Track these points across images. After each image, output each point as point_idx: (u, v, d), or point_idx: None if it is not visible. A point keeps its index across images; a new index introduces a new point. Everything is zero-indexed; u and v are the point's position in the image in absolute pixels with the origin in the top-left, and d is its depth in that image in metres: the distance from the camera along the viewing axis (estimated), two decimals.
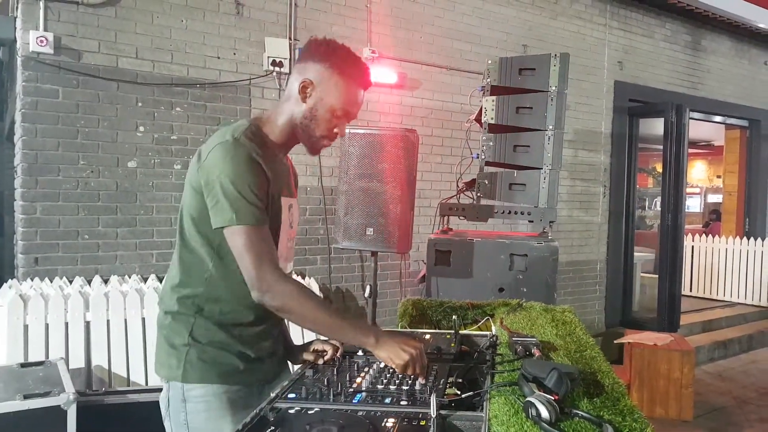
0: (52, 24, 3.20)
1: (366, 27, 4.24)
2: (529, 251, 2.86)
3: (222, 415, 1.37)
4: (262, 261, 1.29)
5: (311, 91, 1.44)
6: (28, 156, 3.16)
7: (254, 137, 1.39)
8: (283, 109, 1.49)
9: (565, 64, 3.01)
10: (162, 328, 1.44)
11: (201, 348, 1.38)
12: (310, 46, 1.48)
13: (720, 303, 7.02)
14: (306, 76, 1.44)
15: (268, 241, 1.33)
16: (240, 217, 1.29)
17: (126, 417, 2.43)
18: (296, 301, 1.31)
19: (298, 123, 1.47)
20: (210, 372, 1.38)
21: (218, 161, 1.32)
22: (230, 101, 3.74)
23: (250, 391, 1.44)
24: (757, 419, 4.17)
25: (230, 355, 1.40)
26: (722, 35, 6.81)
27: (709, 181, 14.31)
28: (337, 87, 1.44)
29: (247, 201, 1.30)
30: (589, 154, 5.63)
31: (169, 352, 1.40)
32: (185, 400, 1.37)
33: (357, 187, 2.78)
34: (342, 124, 1.49)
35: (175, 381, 1.39)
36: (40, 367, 2.56)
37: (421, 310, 2.08)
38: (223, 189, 1.29)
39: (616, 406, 1.14)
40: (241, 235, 1.29)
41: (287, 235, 1.50)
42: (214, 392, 1.37)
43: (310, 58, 1.46)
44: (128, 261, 3.42)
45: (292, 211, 1.54)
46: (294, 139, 1.52)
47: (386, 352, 1.30)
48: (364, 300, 4.12)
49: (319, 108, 1.45)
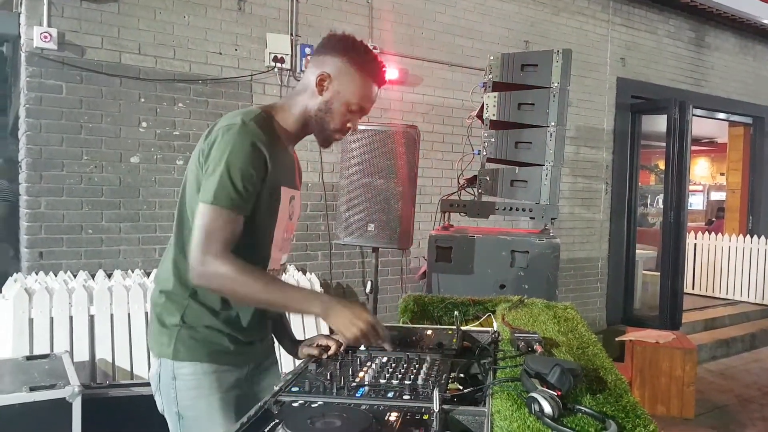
0: (56, 20, 3.20)
1: (367, 23, 4.24)
2: (531, 248, 2.86)
3: (211, 393, 1.40)
4: (210, 243, 1.29)
5: (328, 84, 1.45)
6: (32, 151, 3.17)
7: (264, 124, 1.39)
8: (297, 100, 1.49)
9: (567, 60, 3.00)
10: (156, 306, 1.46)
11: (192, 329, 1.40)
12: (330, 40, 1.49)
13: (722, 301, 7.01)
14: (324, 69, 1.45)
15: (231, 227, 1.32)
16: (217, 198, 1.30)
17: (130, 409, 2.45)
18: (232, 283, 1.31)
19: (313, 115, 1.47)
20: (200, 351, 1.40)
21: (221, 141, 1.34)
22: (232, 97, 3.74)
23: (240, 372, 1.46)
24: (760, 418, 4.17)
25: (221, 336, 1.42)
26: (726, 31, 6.78)
27: (712, 179, 14.29)
28: (354, 81, 1.45)
29: (233, 186, 1.31)
30: (591, 151, 5.62)
31: (160, 330, 1.42)
32: (175, 378, 1.40)
33: (358, 183, 2.79)
34: (355, 119, 1.50)
35: (166, 358, 1.41)
36: (46, 360, 2.59)
37: (422, 306, 2.08)
38: (217, 167, 1.31)
39: (618, 403, 1.14)
40: (207, 214, 1.31)
41: (285, 227, 1.50)
42: (204, 371, 1.40)
43: (328, 52, 1.47)
44: (131, 255, 3.43)
45: (294, 204, 1.53)
46: (305, 131, 1.52)
47: (336, 323, 1.34)
48: (365, 296, 4.13)
49: (335, 101, 1.46)
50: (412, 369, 1.30)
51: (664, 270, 5.62)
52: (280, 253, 1.53)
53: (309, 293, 1.49)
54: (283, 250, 1.54)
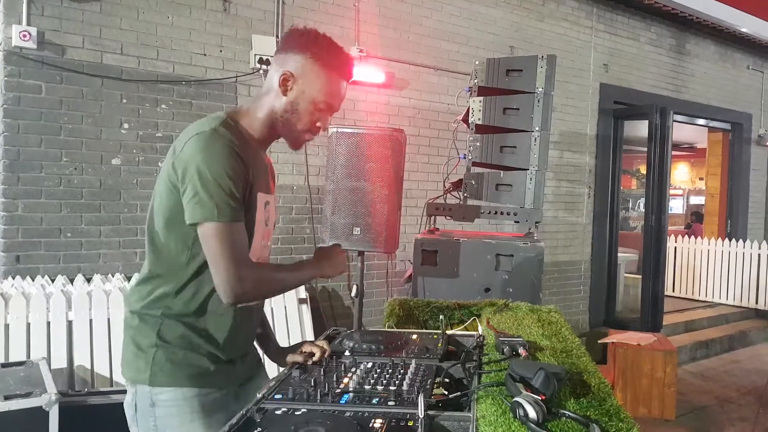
0: (36, 18, 3.15)
1: (354, 26, 4.23)
2: (515, 252, 2.87)
3: (193, 419, 1.32)
4: (238, 264, 1.26)
5: (292, 83, 1.38)
6: (10, 152, 3.11)
7: (231, 130, 1.33)
8: (263, 102, 1.42)
9: (552, 65, 3.03)
10: (129, 328, 1.38)
11: (169, 349, 1.33)
12: (291, 36, 1.42)
13: (702, 303, 7.12)
14: (286, 68, 1.38)
15: (243, 239, 1.29)
16: (220, 213, 1.24)
17: (109, 418, 2.38)
18: (266, 286, 1.39)
19: (279, 117, 1.41)
20: (179, 374, 1.33)
21: (196, 152, 1.26)
22: (216, 99, 3.71)
23: (224, 395, 1.39)
24: (738, 418, 4.23)
25: (200, 356, 1.35)
26: (706, 39, 6.90)
27: (692, 183, 14.52)
28: (319, 78, 1.39)
29: (227, 195, 1.25)
30: (574, 156, 5.67)
31: (136, 353, 1.35)
32: (154, 405, 1.32)
33: (344, 187, 2.77)
34: (324, 117, 1.44)
35: (143, 384, 1.33)
36: (22, 368, 2.52)
37: (407, 310, 2.08)
38: (203, 181, 1.24)
39: (602, 406, 1.14)
40: (218, 234, 1.25)
41: (262, 233, 1.44)
42: (185, 395, 1.32)
43: (290, 49, 1.40)
44: (111, 259, 3.37)
45: (269, 209, 1.47)
46: (274, 134, 1.45)
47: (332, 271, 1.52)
48: (351, 299, 4.11)
49: (301, 101, 1.39)
50: (397, 374, 1.29)
51: (646, 273, 5.68)
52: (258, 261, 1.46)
53: (304, 264, 1.53)
54: (261, 258, 1.46)
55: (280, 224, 3.99)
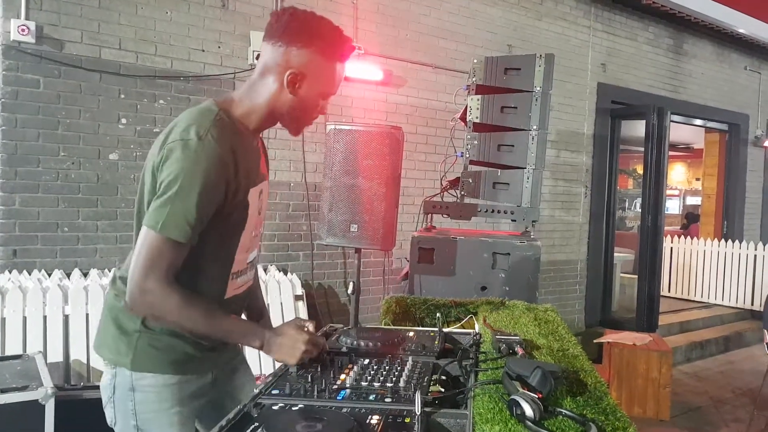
0: (34, 13, 3.13)
1: (352, 23, 4.23)
2: (512, 250, 2.88)
3: (172, 405, 1.34)
4: (152, 271, 1.22)
5: (300, 83, 1.35)
6: (8, 146, 3.10)
7: (224, 128, 1.28)
8: (259, 92, 1.36)
9: (550, 64, 3.03)
10: (112, 309, 1.37)
11: (153, 336, 1.33)
12: (292, 24, 1.34)
13: (697, 304, 7.15)
14: (292, 66, 1.33)
15: (175, 255, 1.25)
16: (166, 228, 1.21)
17: (104, 412, 2.40)
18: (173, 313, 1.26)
19: (285, 111, 1.38)
20: (162, 361, 1.33)
21: (177, 164, 1.22)
22: (214, 94, 3.69)
23: (203, 380, 1.41)
24: (733, 419, 4.25)
25: (183, 343, 1.35)
26: (704, 39, 6.92)
27: (689, 184, 14.55)
28: (325, 73, 1.38)
29: (185, 217, 1.22)
30: (571, 155, 5.68)
31: (117, 336, 1.34)
32: (134, 389, 1.32)
33: (341, 184, 2.77)
34: (325, 102, 1.44)
35: (123, 368, 1.32)
36: (18, 361, 2.51)
37: (404, 307, 2.08)
38: (168, 192, 1.22)
39: (598, 405, 1.15)
40: (152, 241, 1.22)
41: (254, 225, 1.43)
42: (165, 382, 1.33)
43: (293, 42, 1.33)
44: (108, 254, 3.37)
45: (262, 197, 1.46)
46: (272, 123, 1.42)
47: (278, 356, 1.32)
48: (347, 296, 4.11)
49: (310, 98, 1.38)
50: (394, 371, 1.29)
51: (642, 273, 5.70)
52: (247, 253, 1.46)
53: (248, 328, 1.42)
54: (250, 249, 1.46)
55: (276, 221, 3.99)
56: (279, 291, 3.52)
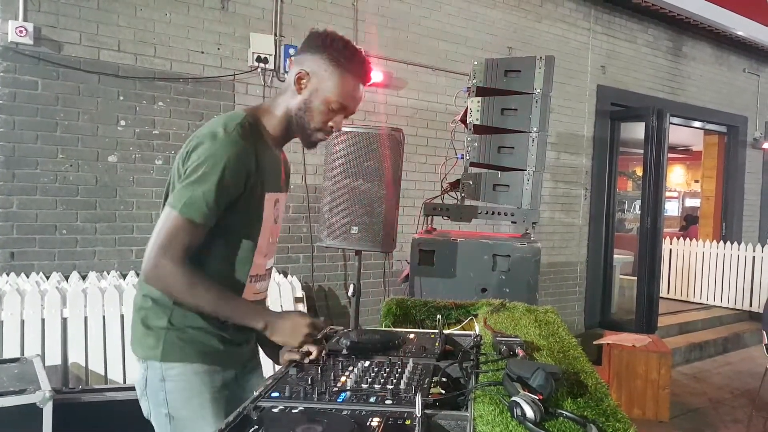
0: (32, 14, 3.13)
1: (352, 25, 4.23)
2: (512, 252, 2.87)
3: (202, 392, 1.38)
4: (169, 248, 1.29)
5: (306, 82, 1.43)
6: (6, 148, 3.09)
7: (250, 130, 1.38)
8: (280, 101, 1.48)
9: (550, 66, 3.03)
10: (140, 309, 1.43)
11: (180, 331, 1.39)
12: (310, 38, 1.46)
13: (696, 305, 7.15)
14: (302, 68, 1.43)
15: (193, 236, 1.32)
16: (187, 209, 1.29)
17: (103, 415, 2.39)
18: (183, 289, 1.31)
19: (293, 115, 1.46)
20: (189, 351, 1.38)
21: (203, 149, 1.32)
22: (214, 96, 3.70)
23: (227, 374, 1.45)
24: (731, 420, 4.25)
25: (210, 336, 1.40)
26: (703, 42, 6.93)
27: (687, 186, 14.57)
28: (332, 78, 1.42)
29: (205, 201, 1.30)
30: (571, 157, 5.69)
31: (146, 332, 1.40)
32: (164, 379, 1.38)
33: (342, 186, 2.77)
34: (338, 118, 1.48)
35: (153, 360, 1.38)
36: (16, 364, 2.51)
37: (404, 309, 2.08)
38: (193, 177, 1.31)
39: (599, 407, 1.14)
40: (172, 221, 1.29)
41: (270, 231, 1.49)
42: (194, 371, 1.38)
43: (307, 50, 1.45)
44: (107, 257, 3.36)
45: (278, 207, 1.52)
46: (290, 132, 1.51)
47: (280, 338, 1.37)
48: (347, 299, 4.10)
49: (314, 99, 1.43)
50: (395, 373, 1.29)
51: (641, 275, 5.70)
52: (265, 258, 1.51)
53: (253, 309, 1.44)
54: (268, 255, 1.52)
55: None
56: (279, 293, 3.51)
